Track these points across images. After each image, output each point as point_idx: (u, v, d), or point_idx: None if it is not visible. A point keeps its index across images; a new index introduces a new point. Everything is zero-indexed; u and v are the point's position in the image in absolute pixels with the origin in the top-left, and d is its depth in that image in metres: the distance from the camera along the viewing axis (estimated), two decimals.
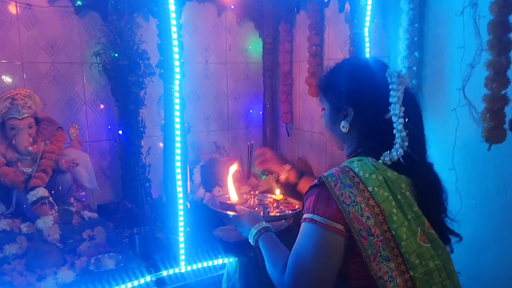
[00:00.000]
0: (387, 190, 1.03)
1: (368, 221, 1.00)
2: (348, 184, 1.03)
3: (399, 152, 1.04)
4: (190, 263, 1.73)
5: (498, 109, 1.55)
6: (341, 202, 1.02)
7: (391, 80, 1.08)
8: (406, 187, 1.05)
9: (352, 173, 1.05)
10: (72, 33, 2.27)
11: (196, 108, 2.69)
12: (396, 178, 1.05)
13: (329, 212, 1.03)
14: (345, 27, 2.16)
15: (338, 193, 1.03)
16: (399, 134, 1.05)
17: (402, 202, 1.03)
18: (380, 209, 1.01)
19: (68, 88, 2.30)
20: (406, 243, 1.00)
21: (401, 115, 1.05)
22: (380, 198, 1.02)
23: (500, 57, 1.52)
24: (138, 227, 2.04)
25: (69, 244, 1.85)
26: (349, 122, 1.15)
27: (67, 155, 2.06)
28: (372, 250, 1.00)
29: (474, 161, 1.71)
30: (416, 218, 1.03)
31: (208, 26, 2.66)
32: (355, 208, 1.01)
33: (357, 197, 1.02)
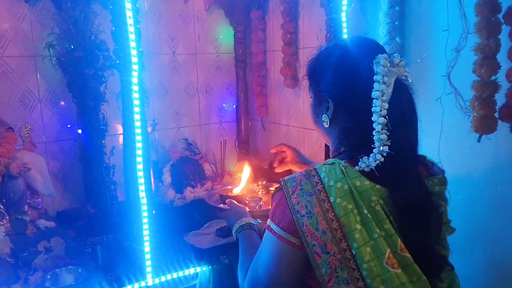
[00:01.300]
0: (351, 202, 0.88)
1: (323, 236, 0.87)
2: (308, 192, 0.90)
3: (377, 158, 0.88)
4: (158, 275, 1.57)
5: (487, 97, 1.44)
6: (295, 212, 0.90)
7: (376, 69, 0.91)
8: (378, 200, 0.88)
9: (316, 179, 0.92)
10: (22, 24, 2.05)
11: (164, 103, 2.51)
12: (366, 188, 0.88)
13: (284, 222, 0.92)
14: (320, 12, 2.02)
15: (294, 201, 0.91)
16: (377, 136, 0.89)
17: (369, 218, 0.87)
18: (340, 223, 0.87)
19: (20, 84, 2.08)
20: (368, 265, 0.85)
21: (382, 114, 0.89)
22: (341, 211, 0.87)
23: (489, 40, 1.41)
24: (102, 234, 1.87)
25: (23, 258, 1.67)
26: (329, 116, 1.00)
27: (19, 159, 1.85)
28: (326, 269, 0.87)
29: (461, 153, 1.60)
30: (386, 237, 0.87)
31: (174, 14, 2.47)
32: (310, 221, 0.88)
33: (315, 207, 0.89)
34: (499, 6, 1.40)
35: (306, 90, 2.41)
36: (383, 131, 0.89)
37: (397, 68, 0.92)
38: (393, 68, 0.91)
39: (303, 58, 2.36)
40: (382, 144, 0.89)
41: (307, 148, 2.43)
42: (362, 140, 0.94)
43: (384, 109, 0.89)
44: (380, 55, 0.92)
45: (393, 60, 0.92)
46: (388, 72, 0.90)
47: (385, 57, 0.92)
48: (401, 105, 0.91)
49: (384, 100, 0.89)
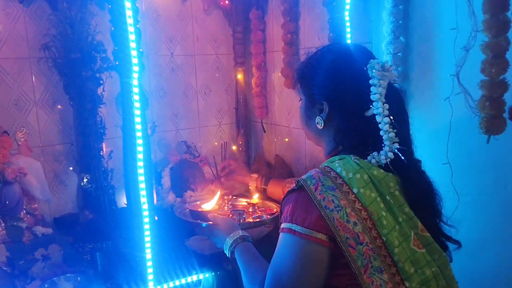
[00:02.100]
0: (374, 190, 0.92)
1: (355, 228, 0.89)
2: (330, 187, 0.92)
3: (388, 156, 0.94)
4: (160, 283, 1.52)
5: (497, 96, 1.40)
6: (323, 208, 0.90)
7: (371, 73, 0.97)
8: (395, 186, 0.95)
9: (333, 174, 0.94)
10: (16, 25, 2.00)
11: (163, 105, 2.46)
12: (383, 176, 0.94)
13: (309, 220, 0.92)
14: (323, 11, 1.98)
15: (319, 198, 0.91)
16: (387, 135, 0.95)
17: (392, 204, 0.92)
18: (368, 212, 0.90)
19: (14, 87, 2.03)
20: (399, 249, 0.89)
21: (386, 114, 0.95)
22: (367, 200, 0.91)
23: (498, 38, 1.38)
24: (101, 240, 1.82)
25: (19, 266, 1.63)
26: (323, 118, 1.04)
27: (14, 164, 1.80)
28: (362, 260, 0.88)
29: (470, 154, 1.56)
30: (408, 220, 0.92)
31: (173, 15, 2.43)
32: (340, 214, 0.90)
33: (341, 200, 0.90)
34: (508, 4, 1.36)
35: None
36: (390, 129, 0.94)
37: (388, 72, 0.98)
38: (385, 72, 0.97)
39: (304, 58, 2.32)
40: (392, 141, 0.95)
41: (309, 149, 2.39)
42: (361, 138, 1.00)
43: (386, 109, 0.94)
44: (373, 61, 0.99)
45: (384, 65, 0.99)
46: (383, 76, 0.96)
47: (378, 62, 0.99)
48: (395, 105, 0.99)
49: (384, 102, 0.95)
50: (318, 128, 1.06)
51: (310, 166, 2.39)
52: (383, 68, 0.97)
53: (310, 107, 1.08)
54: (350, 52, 1.07)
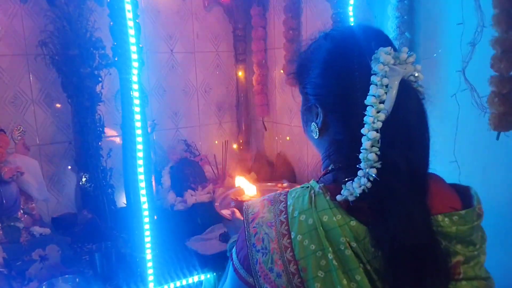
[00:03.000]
0: (315, 241, 0.70)
1: (277, 280, 0.71)
2: (269, 222, 0.74)
3: (362, 183, 0.68)
4: (161, 284, 1.49)
5: (507, 92, 1.37)
6: (251, 246, 0.74)
7: (374, 68, 0.70)
8: (349, 242, 0.68)
9: (282, 206, 0.75)
10: (13, 21, 1.97)
11: (162, 103, 2.43)
12: (336, 226, 0.69)
13: (241, 254, 0.77)
14: (325, 6, 1.95)
15: (251, 232, 0.75)
16: (365, 154, 0.69)
17: (334, 265, 0.68)
18: (298, 267, 0.70)
19: (11, 84, 1.99)
20: None
21: (375, 126, 0.68)
22: (301, 252, 0.70)
23: (508, 33, 1.34)
24: (100, 241, 1.79)
25: (16, 267, 1.61)
26: (318, 126, 0.79)
27: (11, 163, 1.77)
28: None
29: (478, 152, 1.53)
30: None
31: (172, 12, 2.39)
32: (264, 258, 0.72)
33: (272, 243, 0.72)
34: None
35: None
36: (373, 148, 0.68)
37: (404, 65, 0.71)
38: (397, 66, 0.70)
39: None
40: (369, 165, 0.68)
41: (311, 147, 2.36)
42: (351, 156, 0.72)
43: (378, 120, 0.68)
44: (382, 49, 0.70)
45: (399, 55, 0.71)
46: (390, 72, 0.69)
47: (387, 51, 0.70)
48: (405, 115, 0.70)
49: (380, 109, 0.69)
50: (314, 138, 0.82)
51: (312, 164, 2.36)
52: (397, 59, 0.70)
53: (306, 110, 0.84)
54: (354, 38, 0.78)
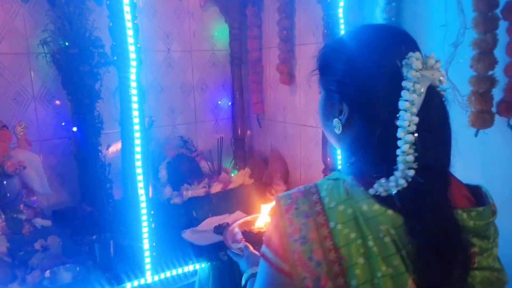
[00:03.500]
0: (355, 230, 0.73)
1: (317, 269, 0.72)
2: (304, 212, 0.76)
3: (400, 183, 0.72)
4: (157, 272, 1.56)
5: (484, 92, 1.45)
6: (287, 235, 0.75)
7: (406, 73, 0.73)
8: (388, 230, 0.72)
9: (316, 197, 0.77)
10: (15, 20, 2.03)
11: (160, 100, 2.49)
12: (375, 214, 0.73)
13: (275, 246, 0.78)
14: (317, 8, 2.02)
15: (287, 223, 0.76)
16: (403, 157, 0.72)
17: (374, 252, 0.72)
18: (338, 255, 0.72)
19: (13, 82, 2.05)
20: None
21: (411, 129, 0.71)
22: (342, 240, 0.72)
23: (486, 35, 1.42)
24: (99, 233, 1.85)
25: (19, 257, 1.65)
26: (342, 122, 0.82)
27: (14, 157, 1.83)
28: None
29: (459, 149, 1.60)
30: (393, 277, 0.72)
31: (169, 11, 2.46)
32: (303, 247, 0.73)
33: (311, 232, 0.74)
34: (497, 1, 1.40)
35: (302, 87, 2.42)
36: (410, 150, 0.72)
37: (432, 71, 0.73)
38: (426, 71, 0.73)
39: (300, 55, 2.36)
40: (407, 166, 0.72)
41: (303, 144, 2.43)
42: (379, 154, 0.77)
43: (413, 124, 0.72)
44: (412, 55, 0.73)
45: (427, 61, 0.73)
46: (421, 78, 0.72)
47: (418, 57, 0.73)
48: (433, 118, 0.74)
49: (413, 113, 0.72)
50: (336, 132, 0.85)
51: (305, 160, 2.43)
52: (425, 64, 0.73)
53: (328, 106, 0.86)
54: (384, 39, 0.79)
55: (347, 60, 0.81)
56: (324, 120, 0.89)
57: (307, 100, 2.35)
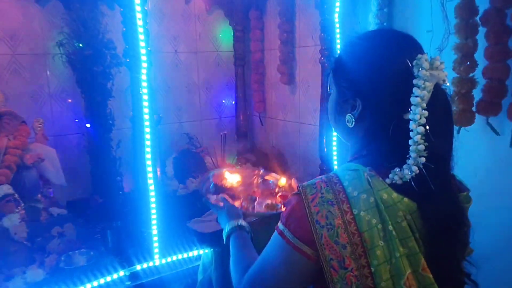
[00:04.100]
0: (376, 216, 0.81)
1: (342, 251, 0.81)
2: (329, 201, 0.84)
3: (413, 170, 0.81)
4: (165, 256, 1.70)
5: (466, 92, 1.57)
6: (314, 222, 0.83)
7: (417, 72, 0.81)
8: (405, 215, 0.82)
9: (339, 187, 0.85)
10: (33, 23, 2.17)
11: (167, 99, 2.63)
12: (394, 202, 0.82)
13: (300, 231, 0.85)
14: (315, 13, 2.15)
15: (313, 210, 0.84)
16: (415, 146, 0.81)
17: (393, 235, 0.81)
18: (362, 238, 0.81)
19: (31, 81, 2.20)
20: (386, 284, 0.81)
21: (422, 122, 0.81)
22: (365, 225, 0.81)
23: (467, 40, 1.54)
24: (110, 221, 1.99)
25: (38, 242, 1.80)
26: (355, 117, 0.91)
27: (32, 150, 1.97)
28: (342, 285, 0.82)
29: None
30: (409, 256, 0.82)
31: (177, 14, 2.60)
32: (330, 233, 0.82)
33: (336, 219, 0.82)
34: (476, 9, 1.53)
35: (302, 86, 2.55)
36: (421, 141, 0.81)
37: (437, 71, 0.82)
38: (433, 71, 0.82)
39: (299, 56, 2.49)
40: (419, 155, 0.81)
41: (302, 141, 2.56)
42: (390, 145, 0.86)
43: (424, 117, 0.81)
44: (421, 56, 0.82)
45: (433, 62, 0.82)
46: (430, 77, 0.81)
47: (426, 58, 0.82)
48: (439, 112, 0.83)
49: (424, 108, 0.81)
50: (348, 127, 0.93)
51: (303, 156, 2.56)
52: (432, 65, 0.82)
53: (341, 102, 0.94)
54: (395, 43, 0.88)
55: (361, 60, 0.90)
56: (336, 115, 0.97)
57: (306, 99, 2.48)
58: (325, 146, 2.17)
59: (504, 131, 1.58)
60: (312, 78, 2.38)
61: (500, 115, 1.55)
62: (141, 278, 1.66)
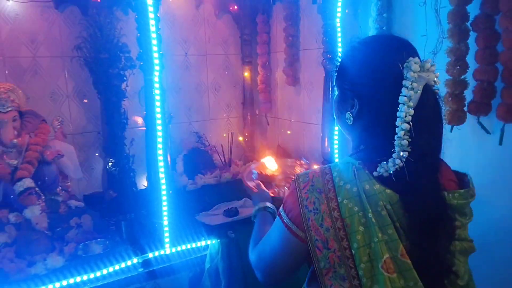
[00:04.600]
0: (358, 204, 0.89)
1: (326, 233, 0.90)
2: (318, 189, 0.93)
3: (396, 163, 0.88)
4: (175, 245, 1.82)
5: (458, 93, 1.67)
6: (304, 207, 0.93)
7: (406, 74, 0.88)
8: (385, 205, 0.88)
9: (328, 177, 0.94)
10: (52, 28, 2.31)
11: (178, 99, 2.76)
12: (375, 193, 0.89)
13: (292, 214, 0.96)
14: (318, 17, 2.25)
15: (304, 196, 0.94)
16: (399, 141, 0.88)
17: (373, 222, 0.87)
18: (344, 223, 0.89)
19: (51, 82, 2.34)
20: (365, 266, 0.87)
21: (407, 119, 0.87)
22: (347, 212, 0.89)
23: (460, 44, 1.64)
24: (124, 214, 2.10)
25: (57, 232, 1.92)
26: (353, 115, 0.99)
27: (52, 147, 2.11)
28: (325, 263, 0.91)
29: None
30: (388, 242, 0.87)
31: (187, 19, 2.72)
32: (316, 217, 0.91)
33: (322, 205, 0.91)
34: (468, 15, 1.62)
35: (306, 87, 2.66)
36: (405, 136, 0.88)
37: (427, 73, 0.89)
38: (423, 73, 0.88)
39: (304, 59, 2.60)
40: (402, 149, 0.88)
41: (307, 140, 2.66)
42: (384, 141, 0.92)
43: (409, 115, 0.87)
44: (412, 60, 0.89)
45: (424, 65, 0.89)
46: (418, 78, 0.87)
47: (416, 61, 0.89)
48: (427, 111, 0.89)
49: (410, 106, 0.87)
50: (347, 123, 1.01)
51: (307, 154, 2.67)
52: (422, 68, 0.89)
53: (342, 101, 1.03)
54: (389, 47, 0.96)
55: (358, 64, 0.98)
56: (338, 113, 1.07)
57: (310, 100, 2.59)
58: (327, 144, 2.28)
59: (494, 129, 1.67)
60: (315, 79, 2.49)
61: (490, 114, 1.64)
62: (152, 265, 1.78)
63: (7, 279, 1.60)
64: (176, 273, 1.83)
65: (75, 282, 1.63)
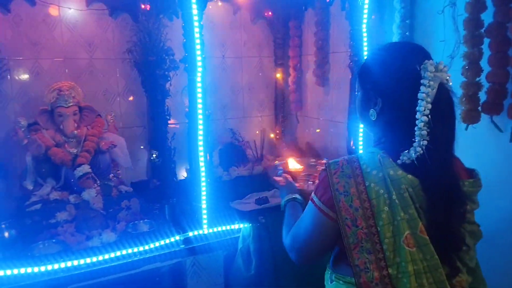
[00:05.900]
0: (383, 187, 1.01)
1: (355, 213, 1.02)
2: (348, 175, 1.05)
3: (417, 150, 1.00)
4: (211, 226, 2.05)
5: (473, 94, 1.81)
6: (334, 190, 1.05)
7: (424, 74, 1.01)
8: (407, 188, 1.00)
9: (356, 165, 1.06)
10: (106, 33, 2.60)
11: (214, 98, 2.97)
12: (398, 177, 1.01)
13: (325, 197, 1.07)
14: (347, 23, 2.43)
15: (335, 181, 1.05)
16: (419, 132, 1.00)
17: (396, 203, 1.00)
18: (371, 204, 1.01)
19: (103, 81, 2.63)
20: (388, 240, 0.99)
21: (425, 113, 1.00)
22: (373, 194, 1.01)
23: (474, 49, 1.79)
24: (167, 200, 2.34)
25: (110, 212, 2.20)
26: (377, 111, 1.11)
27: (106, 138, 2.39)
28: (353, 239, 1.02)
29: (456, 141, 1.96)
30: (408, 221, 0.99)
31: (225, 24, 2.95)
32: (346, 199, 1.03)
33: (351, 188, 1.03)
34: (482, 23, 1.76)
35: (335, 88, 2.84)
36: (424, 127, 0.99)
37: (441, 73, 1.02)
38: (438, 73, 1.01)
39: (333, 61, 2.77)
40: (422, 138, 0.99)
41: (334, 138, 2.83)
42: (404, 134, 1.04)
43: (427, 109, 0.99)
44: (427, 62, 1.02)
45: (438, 66, 1.02)
46: (434, 77, 1.00)
47: (432, 63, 1.02)
48: (442, 106, 1.02)
49: (428, 101, 0.99)
50: (371, 119, 1.13)
51: (334, 151, 2.83)
52: (437, 69, 1.01)
53: (366, 100, 1.15)
54: (407, 52, 1.10)
55: (381, 67, 1.11)
56: (361, 110, 1.18)
57: (338, 99, 2.76)
58: (352, 141, 2.45)
59: (506, 128, 1.80)
60: (343, 80, 2.66)
61: (502, 114, 1.78)
62: (192, 242, 2.01)
63: (69, 249, 1.87)
64: (213, 251, 2.05)
65: (127, 253, 1.88)
